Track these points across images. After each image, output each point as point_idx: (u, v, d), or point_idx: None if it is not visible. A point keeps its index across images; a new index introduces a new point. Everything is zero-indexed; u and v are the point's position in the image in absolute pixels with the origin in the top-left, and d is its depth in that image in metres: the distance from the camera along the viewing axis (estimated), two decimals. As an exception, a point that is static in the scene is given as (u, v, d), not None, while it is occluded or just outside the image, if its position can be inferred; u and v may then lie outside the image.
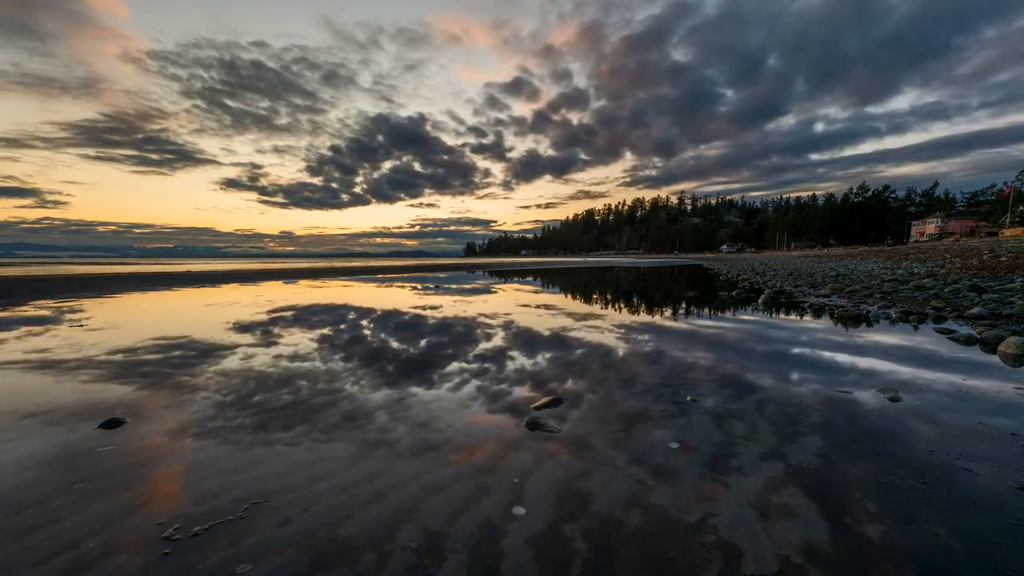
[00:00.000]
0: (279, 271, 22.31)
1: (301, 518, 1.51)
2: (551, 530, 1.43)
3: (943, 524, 1.44)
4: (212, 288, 11.68)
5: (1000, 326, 4.52)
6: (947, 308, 5.76)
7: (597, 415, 2.42)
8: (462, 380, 3.13)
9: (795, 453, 1.94)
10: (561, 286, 12.30)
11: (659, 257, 74.57)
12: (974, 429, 2.17)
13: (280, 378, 3.16)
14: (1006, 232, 34.32)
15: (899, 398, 2.60)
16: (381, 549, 1.35)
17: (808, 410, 2.45)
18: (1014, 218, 44.24)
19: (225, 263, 44.09)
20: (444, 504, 1.58)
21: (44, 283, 12.46)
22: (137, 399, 2.72)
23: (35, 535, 1.43)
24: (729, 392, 2.77)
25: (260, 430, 2.25)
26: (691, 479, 1.74)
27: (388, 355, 3.90)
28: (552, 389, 2.87)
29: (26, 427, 2.30)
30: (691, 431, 2.19)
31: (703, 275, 17.15)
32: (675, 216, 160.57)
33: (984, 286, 7.09)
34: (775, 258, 35.73)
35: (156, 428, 2.28)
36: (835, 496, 1.60)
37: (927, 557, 1.29)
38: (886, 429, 2.18)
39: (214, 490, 1.69)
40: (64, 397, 2.77)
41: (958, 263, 11.27)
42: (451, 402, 2.67)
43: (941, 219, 56.17)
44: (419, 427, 2.29)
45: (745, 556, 1.30)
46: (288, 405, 2.61)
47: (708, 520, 1.47)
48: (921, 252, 18.22)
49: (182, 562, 1.30)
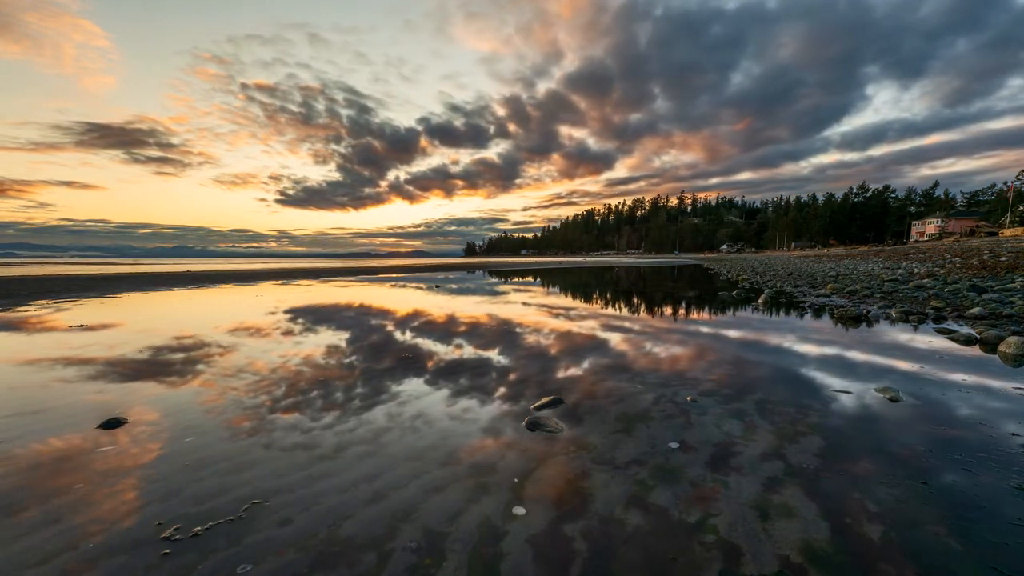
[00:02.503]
0: (276, 271, 22.31)
1: (301, 518, 1.51)
2: (551, 530, 1.43)
3: (943, 524, 1.44)
4: (211, 288, 11.69)
5: (1000, 326, 4.52)
6: (947, 308, 5.76)
7: (597, 415, 2.42)
8: (462, 380, 3.12)
9: (795, 453, 1.94)
10: (561, 286, 12.30)
11: (659, 257, 74.61)
12: (974, 429, 2.17)
13: (279, 378, 3.16)
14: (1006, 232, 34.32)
15: (899, 398, 2.60)
16: (381, 549, 1.35)
17: (808, 410, 2.45)
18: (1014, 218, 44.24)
19: (224, 263, 44.08)
20: (444, 504, 1.58)
21: (44, 283, 12.46)
22: (137, 399, 2.72)
23: (35, 535, 1.43)
24: (729, 392, 2.77)
25: (260, 430, 2.25)
26: (691, 479, 1.74)
27: (387, 355, 3.90)
28: (552, 389, 2.87)
29: (27, 427, 2.30)
30: (691, 431, 2.19)
31: (703, 275, 17.15)
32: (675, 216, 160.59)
33: (984, 286, 7.09)
34: (775, 258, 35.74)
35: (156, 428, 2.28)
36: (835, 496, 1.60)
37: (927, 557, 1.29)
38: (886, 429, 2.18)
39: (214, 490, 1.69)
40: (64, 397, 2.77)
41: (958, 263, 11.27)
42: (451, 402, 2.67)
43: (941, 219, 56.13)
44: (419, 427, 2.29)
45: (745, 556, 1.30)
46: (287, 405, 2.61)
47: (708, 520, 1.47)
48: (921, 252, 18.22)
49: (182, 562, 1.30)
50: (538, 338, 4.62)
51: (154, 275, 17.27)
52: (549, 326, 5.38)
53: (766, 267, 20.06)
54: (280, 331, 5.08)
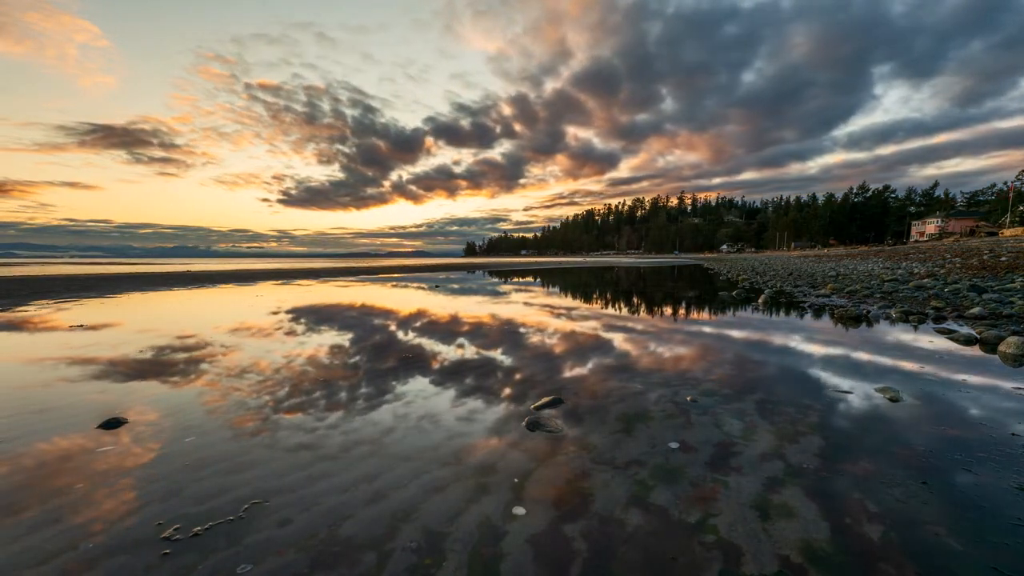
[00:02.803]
0: (277, 271, 22.30)
1: (301, 518, 1.51)
2: (551, 530, 1.43)
3: (943, 524, 1.44)
4: (211, 288, 11.69)
5: (1000, 326, 4.52)
6: (947, 308, 5.76)
7: (597, 415, 2.42)
8: (462, 380, 3.12)
9: (795, 453, 1.94)
10: (560, 286, 12.30)
11: (659, 257, 74.60)
12: (974, 429, 2.17)
13: (279, 378, 3.16)
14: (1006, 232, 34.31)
15: (899, 398, 2.60)
16: (381, 549, 1.35)
17: (808, 410, 2.45)
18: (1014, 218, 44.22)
19: (224, 263, 44.07)
20: (444, 504, 1.58)
21: (44, 283, 12.46)
22: (138, 399, 2.72)
23: (35, 535, 1.43)
24: (729, 392, 2.77)
25: (260, 430, 2.25)
26: (691, 479, 1.74)
27: (386, 354, 3.90)
28: (552, 389, 2.87)
29: (27, 427, 2.30)
30: (691, 431, 2.19)
31: (703, 275, 17.14)
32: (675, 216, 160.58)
33: (984, 286, 7.09)
34: (775, 258, 35.73)
35: (156, 428, 2.28)
36: (835, 496, 1.60)
37: (927, 557, 1.29)
38: (886, 429, 2.18)
39: (214, 490, 1.69)
40: (65, 397, 2.77)
41: (958, 263, 11.27)
42: (451, 402, 2.67)
43: (941, 219, 56.10)
44: (418, 427, 2.29)
45: (745, 556, 1.30)
46: (287, 405, 2.61)
47: (708, 520, 1.47)
48: (921, 252, 18.21)
49: (182, 562, 1.30)
50: (537, 338, 4.62)
51: (154, 275, 17.28)
52: (549, 326, 5.38)
53: (766, 267, 20.06)
54: (280, 331, 5.08)
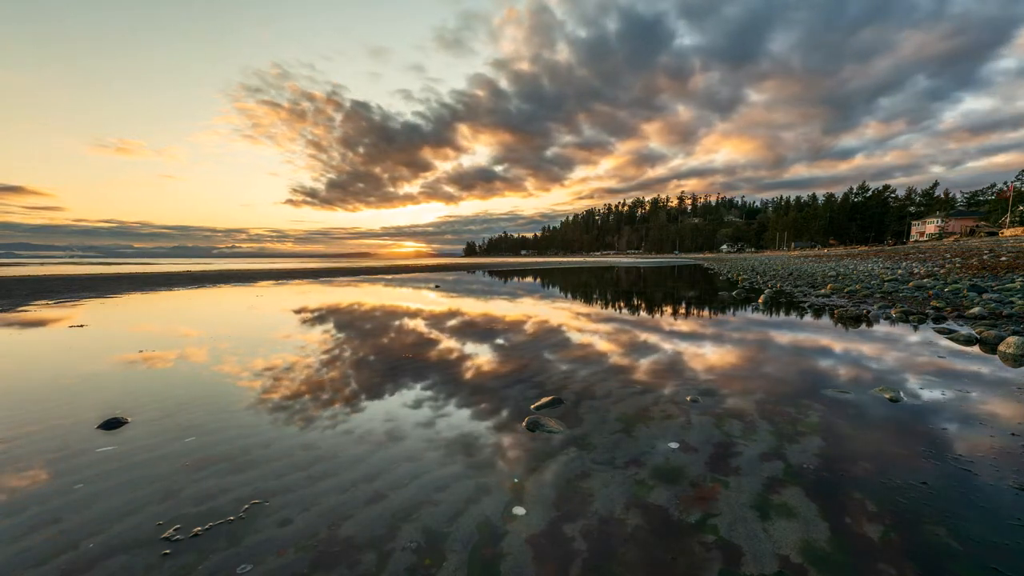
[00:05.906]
0: (276, 271, 22.30)
1: (301, 518, 1.51)
2: (551, 530, 1.43)
3: (943, 524, 1.44)
4: (211, 288, 11.69)
5: (1000, 326, 4.51)
6: (947, 308, 5.75)
7: (597, 415, 2.42)
8: (462, 380, 3.12)
9: (795, 453, 1.94)
10: (560, 286, 12.30)
11: (659, 257, 74.59)
12: (974, 429, 2.17)
13: (279, 378, 3.16)
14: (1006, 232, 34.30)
15: (899, 398, 2.60)
16: (381, 549, 1.35)
17: (807, 410, 2.45)
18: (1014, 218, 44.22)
19: (224, 263, 44.05)
20: (444, 504, 1.58)
21: (44, 283, 12.46)
22: (138, 399, 2.72)
23: (35, 535, 1.43)
24: (728, 392, 2.77)
25: (260, 430, 2.25)
26: (691, 479, 1.74)
27: (386, 354, 3.90)
28: (552, 389, 2.87)
29: (27, 427, 2.30)
30: (691, 431, 2.19)
31: (703, 275, 17.14)
32: (675, 216, 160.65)
33: (984, 286, 7.08)
34: (775, 258, 35.71)
35: (156, 428, 2.28)
36: (835, 496, 1.60)
37: (927, 557, 1.29)
38: (886, 429, 2.18)
39: (214, 490, 1.69)
40: (65, 397, 2.77)
41: (958, 263, 11.27)
42: (450, 402, 2.67)
43: (941, 219, 56.10)
44: (418, 427, 2.29)
45: (745, 556, 1.30)
46: (287, 405, 2.61)
47: (708, 520, 1.47)
48: (921, 252, 18.21)
49: (182, 562, 1.30)
50: (537, 337, 4.62)
51: (154, 275, 17.27)
52: (548, 325, 5.38)
53: (766, 267, 20.05)
54: (280, 331, 5.08)
